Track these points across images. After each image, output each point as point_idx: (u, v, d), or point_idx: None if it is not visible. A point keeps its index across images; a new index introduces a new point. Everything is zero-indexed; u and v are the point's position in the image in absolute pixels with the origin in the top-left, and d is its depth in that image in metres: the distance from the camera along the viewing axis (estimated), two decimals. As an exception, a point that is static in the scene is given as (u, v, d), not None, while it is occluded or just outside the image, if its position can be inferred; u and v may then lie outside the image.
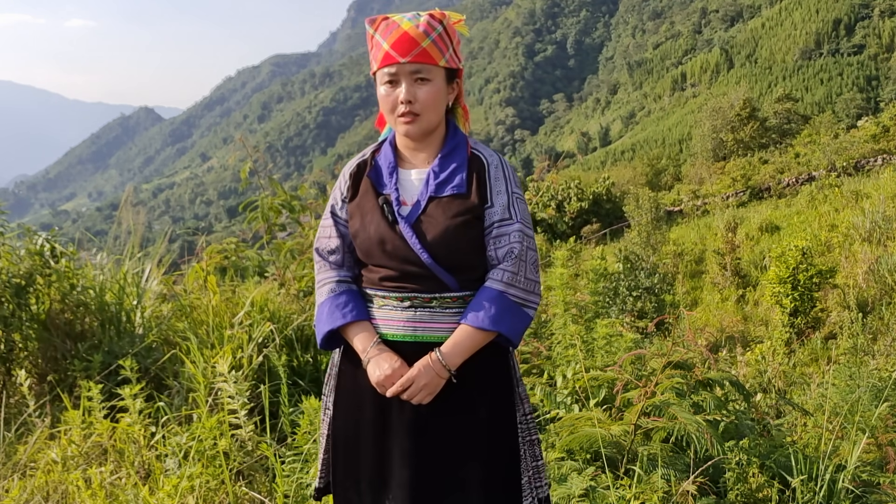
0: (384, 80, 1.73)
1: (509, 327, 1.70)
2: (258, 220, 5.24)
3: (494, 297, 1.71)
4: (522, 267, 1.74)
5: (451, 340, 1.71)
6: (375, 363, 1.72)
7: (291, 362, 3.58)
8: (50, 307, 3.86)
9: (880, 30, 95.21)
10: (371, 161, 1.85)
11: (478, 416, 1.76)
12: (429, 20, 1.73)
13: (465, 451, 1.75)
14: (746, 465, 2.64)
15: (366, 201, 1.79)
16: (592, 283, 13.02)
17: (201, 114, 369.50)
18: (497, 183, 1.77)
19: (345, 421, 1.83)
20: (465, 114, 1.89)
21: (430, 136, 1.79)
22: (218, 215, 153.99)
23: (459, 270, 1.74)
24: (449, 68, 1.76)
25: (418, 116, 1.72)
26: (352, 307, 1.77)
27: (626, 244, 20.57)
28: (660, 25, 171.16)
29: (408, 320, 1.73)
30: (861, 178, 23.31)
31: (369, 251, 1.76)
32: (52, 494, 2.79)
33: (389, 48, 1.70)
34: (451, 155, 1.79)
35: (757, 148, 41.35)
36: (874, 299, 11.26)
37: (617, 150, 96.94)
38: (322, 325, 1.79)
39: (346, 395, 1.83)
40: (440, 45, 1.72)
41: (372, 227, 1.74)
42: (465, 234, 1.72)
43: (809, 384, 4.96)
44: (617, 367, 3.07)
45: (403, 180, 1.80)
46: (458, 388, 1.73)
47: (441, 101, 1.76)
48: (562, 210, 29.23)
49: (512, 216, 1.75)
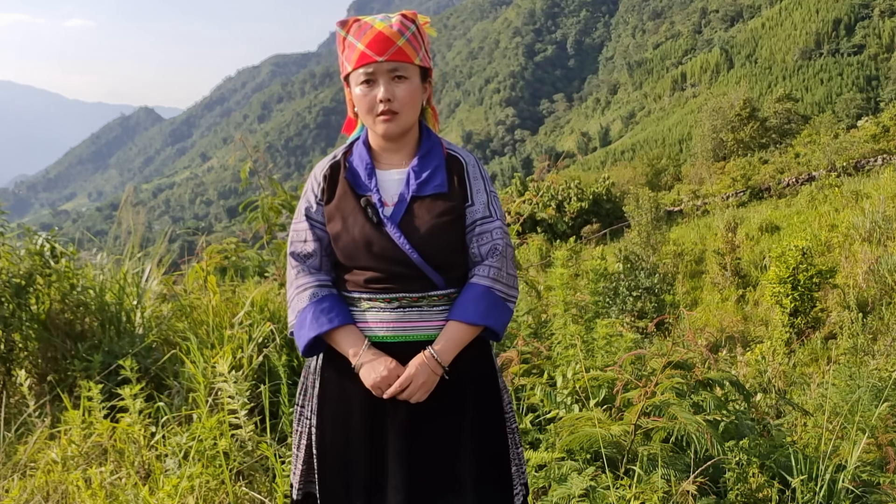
0: (360, 80, 1.73)
1: (496, 321, 1.75)
2: (258, 220, 5.23)
3: (482, 292, 1.74)
4: (505, 263, 1.79)
5: (443, 337, 1.73)
6: (370, 366, 1.71)
7: (291, 362, 3.58)
8: (50, 307, 3.86)
9: (880, 30, 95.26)
10: (344, 162, 1.83)
11: (468, 411, 1.77)
12: (401, 20, 1.75)
13: (458, 449, 1.76)
14: (746, 465, 2.64)
15: (345, 203, 1.76)
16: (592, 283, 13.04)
17: (201, 114, 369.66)
18: (476, 182, 1.80)
19: (332, 429, 1.80)
20: (435, 114, 1.90)
21: (406, 136, 1.80)
22: (218, 215, 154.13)
23: (445, 269, 1.75)
24: (422, 67, 1.77)
25: (397, 115, 1.72)
26: (337, 312, 1.74)
27: (626, 244, 20.57)
28: (660, 25, 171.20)
29: (396, 321, 1.73)
30: (861, 178, 23.32)
31: (353, 254, 1.74)
32: (52, 494, 2.79)
33: (365, 48, 1.70)
34: (429, 155, 1.80)
35: (757, 148, 41.37)
36: (874, 299, 11.27)
37: (617, 150, 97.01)
38: (306, 330, 1.74)
39: (331, 402, 1.81)
40: (414, 44, 1.73)
41: (356, 229, 1.73)
42: (450, 233, 1.74)
43: (809, 384, 4.96)
44: (617, 367, 3.06)
45: (382, 181, 1.78)
46: (448, 385, 1.74)
47: (418, 99, 1.76)
48: (562, 210, 29.24)
49: (492, 214, 1.78)
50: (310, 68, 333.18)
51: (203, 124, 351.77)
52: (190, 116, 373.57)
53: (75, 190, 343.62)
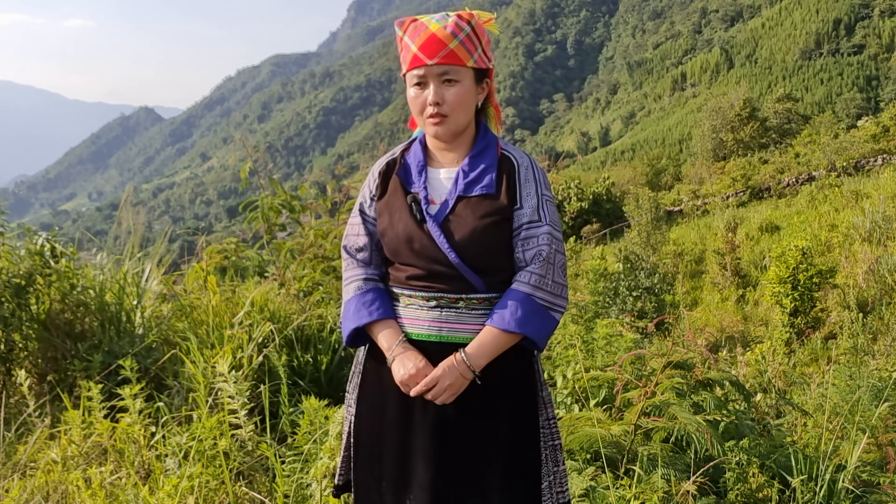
0: (413, 82, 1.73)
1: (535, 330, 1.69)
2: (258, 220, 5.24)
3: (521, 299, 1.69)
4: (550, 270, 1.72)
5: (477, 341, 1.70)
6: (400, 362, 1.71)
7: (291, 362, 3.58)
8: (50, 307, 3.86)
9: (880, 30, 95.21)
10: (400, 159, 1.84)
11: (500, 419, 1.74)
12: (457, 21, 1.72)
13: (487, 456, 1.74)
14: (746, 465, 2.64)
15: (394, 199, 1.78)
16: (592, 283, 13.05)
17: (201, 114, 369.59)
18: (527, 184, 1.75)
19: (368, 419, 1.82)
20: (497, 113, 1.88)
21: (461, 136, 1.78)
22: (218, 215, 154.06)
23: (487, 272, 1.72)
24: (478, 68, 1.75)
25: (446, 118, 1.71)
26: (378, 305, 1.76)
27: (626, 244, 20.59)
28: (660, 25, 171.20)
29: (433, 320, 1.72)
30: (861, 178, 23.32)
31: (397, 249, 1.75)
32: (52, 494, 2.79)
33: (417, 50, 1.70)
34: (481, 155, 1.78)
35: (757, 148, 41.39)
36: (874, 299, 11.27)
37: (617, 150, 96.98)
38: (348, 322, 1.78)
39: (370, 393, 1.83)
40: (468, 46, 1.71)
41: (400, 225, 1.74)
42: (493, 235, 1.71)
43: (809, 384, 4.96)
44: (617, 367, 3.06)
45: (432, 179, 1.79)
46: (481, 391, 1.72)
47: (470, 101, 1.74)
48: (562, 210, 29.26)
49: (541, 218, 1.73)
50: (310, 68, 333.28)
51: (203, 124, 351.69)
52: (190, 116, 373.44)
53: (75, 190, 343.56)
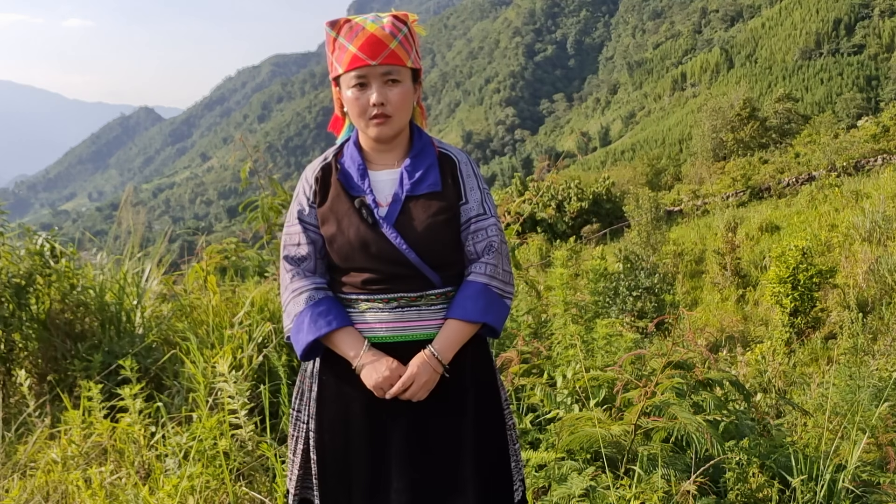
0: (352, 83, 1.71)
1: (495, 318, 1.75)
2: (258, 220, 5.23)
3: (480, 289, 1.75)
4: (500, 260, 1.79)
5: (442, 335, 1.73)
6: (372, 367, 1.70)
7: (291, 362, 3.58)
8: (50, 307, 3.86)
9: (880, 30, 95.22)
10: (336, 164, 1.82)
11: (469, 411, 1.77)
12: (394, 21, 1.73)
13: (459, 451, 1.76)
14: (746, 465, 2.64)
15: (339, 205, 1.75)
16: (592, 283, 13.03)
17: (201, 114, 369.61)
18: (469, 180, 1.80)
19: (331, 432, 1.78)
20: (423, 112, 1.90)
21: (398, 136, 1.79)
22: (218, 215, 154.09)
23: (442, 267, 1.75)
24: (414, 69, 1.77)
25: (390, 118, 1.71)
26: (335, 314, 1.73)
27: (626, 244, 20.59)
28: (660, 25, 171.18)
29: (395, 321, 1.73)
30: (861, 178, 23.33)
31: (349, 255, 1.73)
32: (52, 494, 2.79)
33: (357, 51, 1.68)
34: (422, 154, 1.79)
35: (757, 148, 41.39)
36: (874, 299, 11.27)
37: (617, 150, 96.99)
38: (304, 334, 1.72)
39: (330, 405, 1.79)
40: (406, 47, 1.72)
41: (351, 230, 1.72)
42: (446, 231, 1.74)
43: (809, 384, 4.96)
44: (617, 367, 3.06)
45: (375, 181, 1.77)
46: (449, 383, 1.74)
47: (410, 101, 1.76)
48: (562, 210, 29.25)
49: (486, 211, 1.79)
50: (310, 68, 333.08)
51: (203, 124, 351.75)
52: (190, 116, 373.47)
53: (75, 190, 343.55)
